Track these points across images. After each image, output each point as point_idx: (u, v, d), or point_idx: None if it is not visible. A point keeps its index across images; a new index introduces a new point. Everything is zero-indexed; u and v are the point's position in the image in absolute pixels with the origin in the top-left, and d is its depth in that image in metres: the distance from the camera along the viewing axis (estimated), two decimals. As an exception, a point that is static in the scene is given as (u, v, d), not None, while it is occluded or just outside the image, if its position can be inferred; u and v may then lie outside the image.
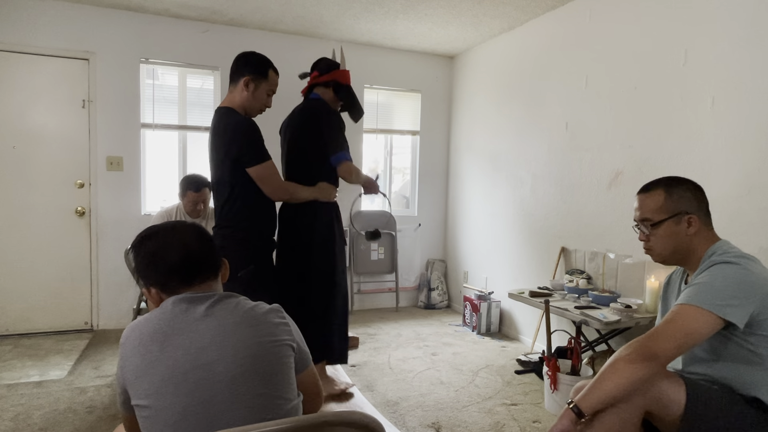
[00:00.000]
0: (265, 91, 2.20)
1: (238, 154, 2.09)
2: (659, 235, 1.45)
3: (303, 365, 1.18)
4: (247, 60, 2.18)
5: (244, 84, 2.15)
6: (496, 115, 4.28)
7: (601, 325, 2.57)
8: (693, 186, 1.47)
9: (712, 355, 1.39)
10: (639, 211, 1.49)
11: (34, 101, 3.72)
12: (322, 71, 2.54)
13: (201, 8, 3.79)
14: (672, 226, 1.43)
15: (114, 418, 2.43)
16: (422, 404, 2.70)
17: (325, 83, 2.54)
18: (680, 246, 1.44)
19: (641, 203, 1.49)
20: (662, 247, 1.46)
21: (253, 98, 2.17)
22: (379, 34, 4.32)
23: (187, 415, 0.96)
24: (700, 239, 1.43)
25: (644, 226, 1.48)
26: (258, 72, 2.16)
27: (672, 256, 1.47)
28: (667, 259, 1.48)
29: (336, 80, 2.55)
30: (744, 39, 2.41)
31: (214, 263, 1.15)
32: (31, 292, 3.78)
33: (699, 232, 1.43)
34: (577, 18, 3.39)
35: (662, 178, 1.49)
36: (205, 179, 3.15)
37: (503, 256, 4.20)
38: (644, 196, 1.48)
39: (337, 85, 2.56)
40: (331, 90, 2.56)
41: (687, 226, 1.42)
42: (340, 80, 2.56)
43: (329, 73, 2.53)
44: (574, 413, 1.27)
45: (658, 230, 1.45)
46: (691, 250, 1.44)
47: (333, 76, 2.54)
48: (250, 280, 2.09)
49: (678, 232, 1.43)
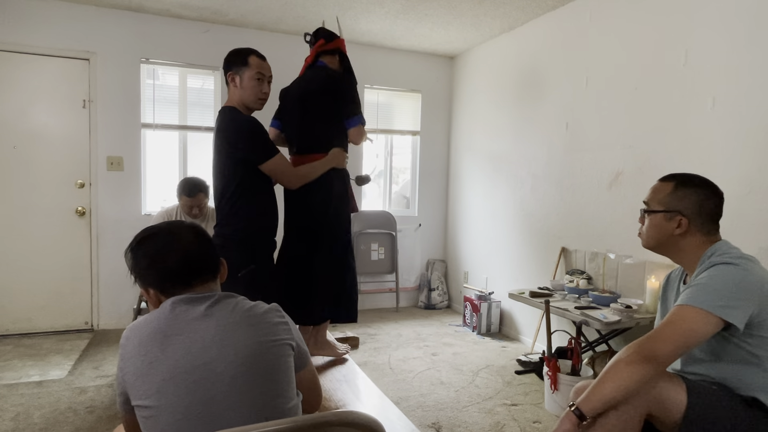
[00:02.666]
0: (252, 78, 2.14)
1: (246, 154, 2.09)
2: (650, 223, 1.49)
3: (302, 364, 1.18)
4: (226, 58, 2.20)
5: (230, 79, 2.16)
6: (497, 115, 4.28)
7: (601, 325, 2.57)
8: (705, 191, 1.44)
9: (711, 355, 1.39)
10: (647, 195, 1.53)
11: (35, 101, 3.72)
12: (327, 40, 2.54)
13: (201, 8, 3.79)
14: (661, 219, 1.46)
15: (114, 418, 2.43)
16: (422, 404, 2.70)
17: (331, 51, 2.55)
18: (665, 242, 1.47)
19: (653, 188, 1.52)
20: (648, 234, 1.50)
21: (242, 90, 2.15)
22: (380, 35, 4.32)
23: (188, 415, 0.96)
24: (690, 242, 1.44)
25: (644, 210, 1.52)
26: (237, 62, 2.15)
27: (656, 247, 1.50)
28: (652, 248, 1.52)
29: (340, 48, 2.56)
30: (744, 39, 2.41)
31: (213, 264, 1.15)
32: (31, 292, 3.78)
33: (688, 235, 1.43)
34: (577, 18, 3.39)
35: (682, 174, 1.50)
36: (201, 183, 3.13)
37: (503, 256, 4.20)
38: (658, 183, 1.51)
39: (341, 54, 2.57)
40: (337, 58, 2.56)
41: (676, 226, 1.43)
42: (343, 49, 2.58)
43: (334, 42, 2.55)
44: (575, 416, 1.27)
45: (650, 218, 1.49)
46: (678, 249, 1.46)
47: (337, 44, 2.56)
48: (251, 279, 2.09)
49: (665, 227, 1.45)
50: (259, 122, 2.13)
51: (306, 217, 2.44)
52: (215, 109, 4.20)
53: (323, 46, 2.53)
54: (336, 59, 2.56)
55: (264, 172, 2.14)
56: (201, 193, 3.12)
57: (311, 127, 2.44)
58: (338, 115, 2.43)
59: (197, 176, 3.22)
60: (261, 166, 2.12)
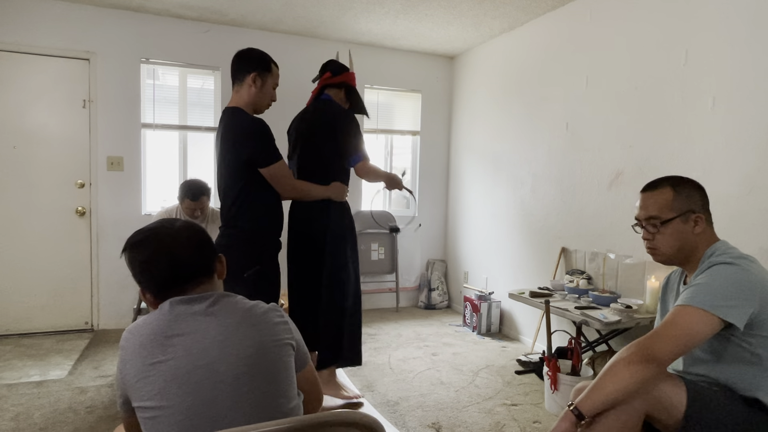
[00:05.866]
0: (272, 86, 2.22)
1: (250, 155, 2.09)
2: (667, 233, 1.42)
3: (302, 363, 1.18)
4: (249, 56, 2.18)
5: (251, 80, 2.15)
6: (497, 115, 4.28)
7: (601, 325, 2.57)
8: (697, 185, 1.46)
9: (711, 355, 1.39)
10: (644, 210, 1.46)
11: (35, 101, 3.72)
12: (334, 73, 2.58)
13: (201, 8, 3.79)
14: (680, 224, 1.41)
15: (114, 418, 2.43)
16: (422, 404, 2.70)
17: (337, 85, 2.59)
18: (685, 245, 1.43)
19: (647, 201, 1.46)
20: (668, 246, 1.43)
21: (261, 93, 2.18)
22: (380, 35, 4.32)
23: (190, 415, 0.96)
24: (704, 239, 1.43)
25: (650, 225, 1.45)
26: (263, 67, 2.17)
27: (676, 256, 1.45)
28: (670, 259, 1.46)
29: (347, 83, 2.60)
30: (744, 39, 2.41)
31: (206, 266, 1.12)
32: (31, 292, 3.78)
33: (704, 232, 1.42)
34: (578, 18, 3.39)
35: (667, 177, 1.48)
36: (204, 186, 3.13)
37: (503, 256, 4.20)
38: (650, 194, 1.46)
39: (348, 88, 2.61)
40: (343, 92, 2.61)
41: (694, 225, 1.41)
42: (351, 83, 2.62)
43: (341, 75, 2.58)
44: (574, 415, 1.27)
45: (666, 228, 1.42)
46: (694, 249, 1.43)
47: (344, 78, 2.59)
48: (256, 280, 2.09)
49: (685, 231, 1.41)
50: (266, 124, 2.13)
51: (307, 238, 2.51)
52: (215, 109, 4.20)
53: (329, 79, 2.57)
54: (342, 93, 2.59)
55: (264, 175, 2.13)
56: (204, 196, 3.12)
57: (309, 161, 2.50)
58: (337, 152, 2.47)
59: (199, 179, 3.21)
60: (262, 170, 2.12)
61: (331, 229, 2.48)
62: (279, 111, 2.89)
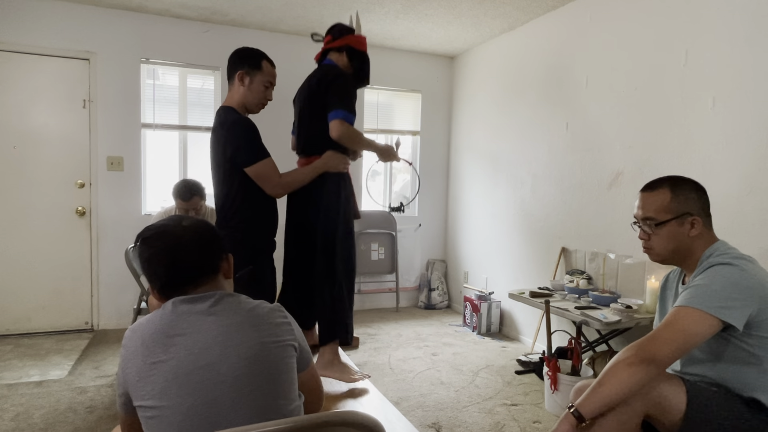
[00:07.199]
0: (262, 83, 2.14)
1: (233, 154, 2.07)
2: (661, 235, 1.43)
3: (304, 364, 1.18)
4: (239, 55, 2.15)
5: (239, 79, 2.11)
6: (497, 115, 4.28)
7: (601, 325, 2.57)
8: (696, 186, 1.45)
9: (710, 356, 1.39)
10: (642, 210, 1.47)
11: (35, 101, 3.72)
12: (335, 36, 2.42)
13: (201, 8, 3.79)
14: (675, 226, 1.41)
15: (114, 418, 2.43)
16: (422, 404, 2.70)
17: (338, 48, 2.41)
18: (680, 247, 1.43)
19: (645, 201, 1.46)
20: (662, 247, 1.44)
21: (249, 92, 2.13)
22: (380, 35, 4.32)
23: (191, 416, 0.96)
24: (701, 241, 1.43)
25: (646, 225, 1.46)
26: (250, 64, 2.12)
27: (671, 257, 1.46)
28: (665, 259, 1.47)
29: (349, 45, 2.41)
30: (744, 39, 2.41)
31: (210, 266, 1.12)
32: (31, 292, 3.78)
33: (700, 234, 1.42)
34: (578, 18, 3.39)
35: (667, 177, 1.47)
36: (196, 187, 3.07)
37: (503, 256, 4.20)
38: (648, 194, 1.46)
39: (350, 51, 2.42)
40: (345, 55, 2.41)
41: (690, 227, 1.41)
42: (354, 45, 2.42)
43: (342, 38, 2.40)
44: (574, 417, 1.27)
45: (661, 230, 1.43)
46: (690, 251, 1.43)
47: (346, 40, 2.40)
48: (249, 280, 2.08)
49: (680, 233, 1.42)
50: (252, 123, 2.09)
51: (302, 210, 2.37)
52: (215, 109, 4.20)
53: (329, 42, 2.42)
54: (344, 57, 2.41)
55: (248, 174, 2.08)
56: (196, 196, 3.05)
57: (311, 127, 2.36)
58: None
59: (192, 179, 3.16)
60: (246, 169, 2.07)
61: (324, 202, 2.31)
62: (279, 111, 2.87)
